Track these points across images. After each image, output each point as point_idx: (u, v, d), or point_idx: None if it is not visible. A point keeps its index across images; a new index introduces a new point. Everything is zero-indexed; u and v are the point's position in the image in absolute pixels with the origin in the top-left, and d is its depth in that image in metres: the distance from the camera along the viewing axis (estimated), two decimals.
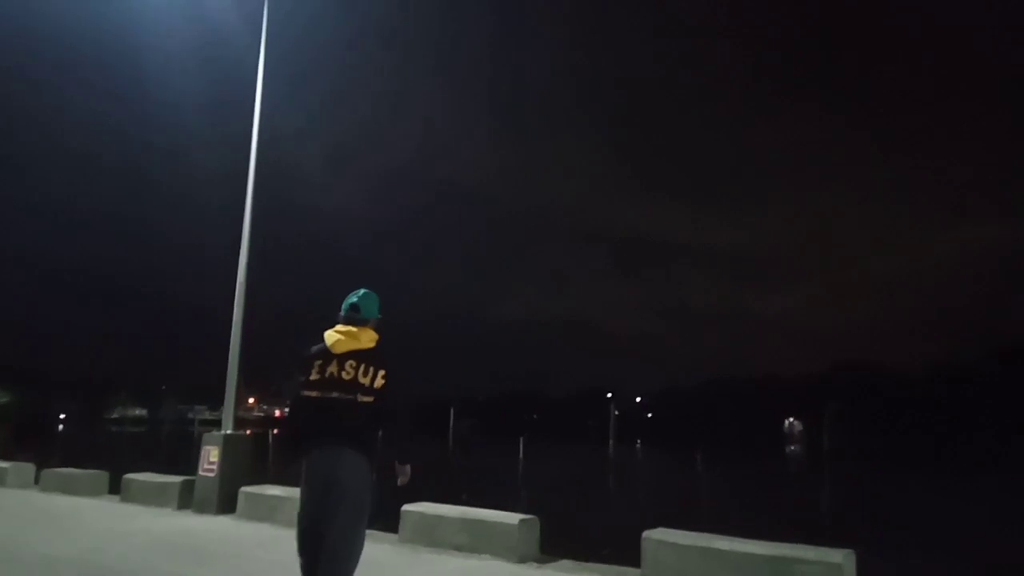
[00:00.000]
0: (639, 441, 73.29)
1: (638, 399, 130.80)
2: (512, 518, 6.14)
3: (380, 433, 3.68)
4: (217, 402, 9.54)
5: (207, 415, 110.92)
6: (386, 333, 3.87)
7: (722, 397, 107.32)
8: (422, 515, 6.58)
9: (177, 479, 8.91)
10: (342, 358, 3.69)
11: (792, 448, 68.55)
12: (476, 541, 6.12)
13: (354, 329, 3.76)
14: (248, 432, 9.33)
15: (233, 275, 9.39)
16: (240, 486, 8.15)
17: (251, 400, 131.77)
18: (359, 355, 3.69)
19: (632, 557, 5.35)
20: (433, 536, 6.37)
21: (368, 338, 3.76)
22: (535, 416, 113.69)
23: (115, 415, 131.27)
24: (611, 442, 63.82)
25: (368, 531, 3.73)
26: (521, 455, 38.88)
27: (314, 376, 3.69)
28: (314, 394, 3.66)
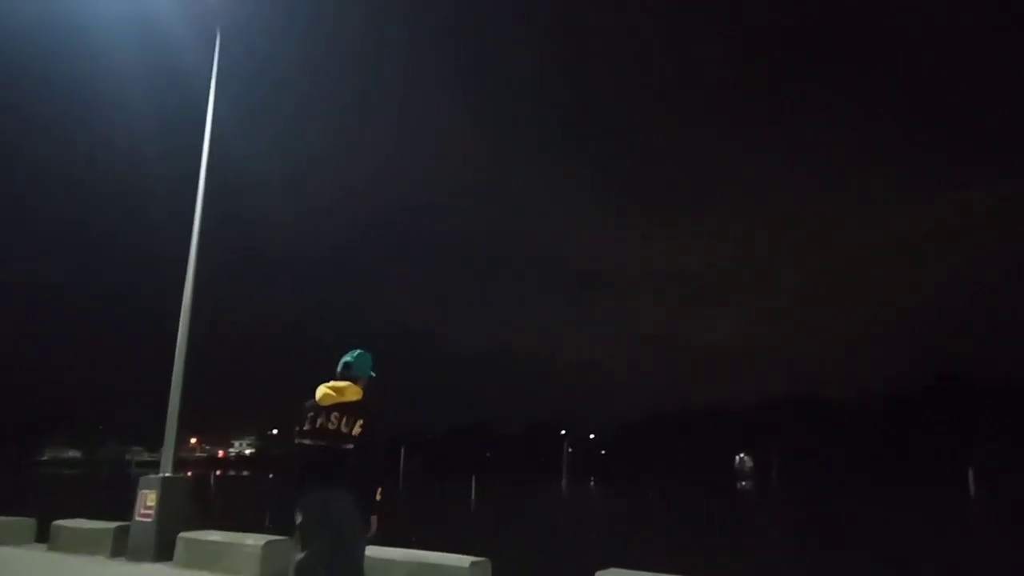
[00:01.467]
0: (592, 478, 73.06)
1: (591, 436, 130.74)
2: (463, 561, 6.00)
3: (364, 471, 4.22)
4: (157, 442, 9.14)
5: (146, 456, 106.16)
6: (375, 388, 4.48)
7: (674, 432, 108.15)
8: (370, 559, 6.36)
9: (111, 525, 8.47)
10: (328, 410, 4.26)
11: (743, 484, 69.36)
12: None
13: (341, 385, 4.34)
14: (189, 474, 8.98)
15: (178, 305, 9.10)
16: (179, 532, 7.80)
17: (193, 440, 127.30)
18: (343, 408, 4.26)
19: None
20: None
21: (353, 392, 4.33)
22: (487, 454, 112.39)
23: (46, 457, 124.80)
24: (564, 480, 63.46)
25: None
26: (473, 495, 38.32)
27: (307, 427, 4.29)
28: (307, 442, 4.29)
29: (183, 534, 7.74)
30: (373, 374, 4.52)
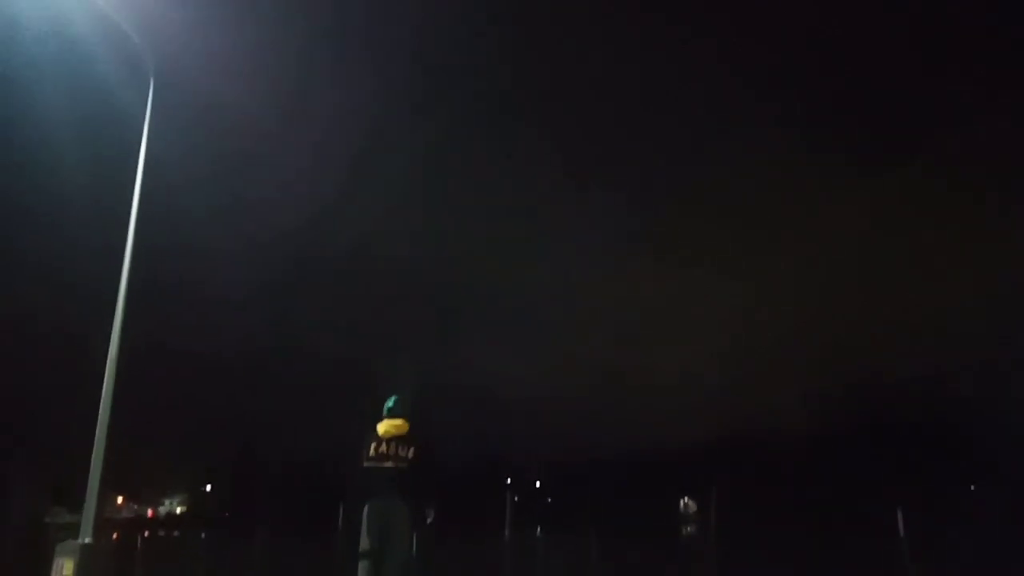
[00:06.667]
0: (539, 527, 71.87)
1: (537, 484, 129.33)
2: None
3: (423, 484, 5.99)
4: (79, 503, 8.56)
5: (67, 518, 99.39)
6: (420, 423, 6.16)
7: (621, 477, 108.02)
8: None
9: None
10: (388, 440, 5.94)
11: (689, 529, 69.34)
12: None
13: (397, 421, 6.04)
14: (115, 536, 8.46)
15: (101, 356, 8.70)
16: None
17: (120, 499, 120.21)
18: (398, 438, 5.93)
19: None
20: None
21: (405, 427, 6.01)
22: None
23: None
24: (507, 531, 62.36)
25: None
26: (414, 549, 37.15)
27: (372, 453, 5.94)
28: (372, 465, 5.90)
29: None
30: (411, 410, 6.15)
